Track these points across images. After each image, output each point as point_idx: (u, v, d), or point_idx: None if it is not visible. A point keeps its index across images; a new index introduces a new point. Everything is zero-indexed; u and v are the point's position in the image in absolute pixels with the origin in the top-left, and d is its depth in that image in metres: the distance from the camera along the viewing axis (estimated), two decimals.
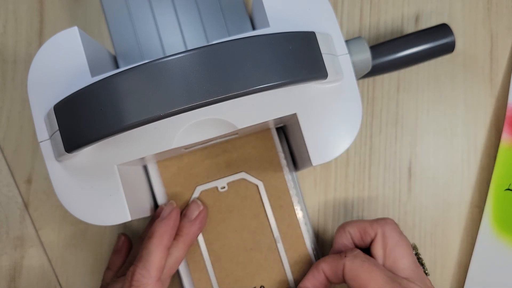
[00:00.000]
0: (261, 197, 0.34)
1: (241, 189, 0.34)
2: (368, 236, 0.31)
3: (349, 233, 0.32)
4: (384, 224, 0.30)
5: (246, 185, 0.34)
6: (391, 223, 0.31)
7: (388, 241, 0.30)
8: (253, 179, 0.34)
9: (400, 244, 0.30)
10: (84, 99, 0.22)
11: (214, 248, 0.34)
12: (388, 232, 0.30)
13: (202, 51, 0.22)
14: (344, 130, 0.28)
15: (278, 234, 0.34)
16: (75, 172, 0.27)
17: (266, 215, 0.34)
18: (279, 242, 0.34)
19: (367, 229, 0.31)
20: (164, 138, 0.27)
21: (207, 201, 0.34)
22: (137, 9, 0.35)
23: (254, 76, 0.22)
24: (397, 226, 0.31)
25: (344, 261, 0.30)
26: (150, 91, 0.21)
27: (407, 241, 0.30)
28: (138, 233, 0.37)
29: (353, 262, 0.29)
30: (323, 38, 0.26)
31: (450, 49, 0.34)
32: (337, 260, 0.30)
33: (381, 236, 0.30)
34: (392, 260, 0.29)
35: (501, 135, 0.37)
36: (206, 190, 0.34)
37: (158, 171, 0.34)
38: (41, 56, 0.28)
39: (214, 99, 0.21)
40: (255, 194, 0.34)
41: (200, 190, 0.34)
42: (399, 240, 0.30)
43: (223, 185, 0.34)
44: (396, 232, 0.30)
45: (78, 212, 0.27)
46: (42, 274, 0.36)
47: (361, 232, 0.31)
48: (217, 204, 0.34)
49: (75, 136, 0.23)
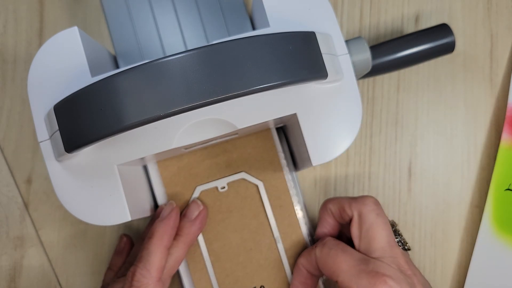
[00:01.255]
0: (261, 197, 0.34)
1: (241, 189, 0.34)
2: (346, 215, 0.31)
3: (330, 210, 0.32)
4: (362, 205, 0.30)
5: (246, 185, 0.34)
6: (369, 204, 0.30)
7: (364, 222, 0.29)
8: (253, 179, 0.34)
9: (376, 225, 0.29)
10: (84, 99, 0.22)
11: (214, 248, 0.34)
12: (365, 213, 0.30)
13: (202, 51, 0.22)
14: (344, 130, 0.28)
15: (278, 234, 0.34)
16: (75, 172, 0.27)
17: (266, 215, 0.34)
18: (279, 242, 0.34)
19: (346, 208, 0.31)
20: (164, 138, 0.27)
21: (207, 201, 0.34)
22: (137, 9, 0.35)
23: (254, 76, 0.22)
24: (375, 205, 0.30)
25: (314, 251, 0.30)
26: (150, 91, 0.21)
27: (384, 220, 0.30)
28: (138, 233, 0.37)
29: (322, 251, 0.29)
30: (323, 38, 0.26)
31: (450, 49, 0.34)
32: (310, 252, 0.31)
33: (358, 217, 0.30)
34: (367, 241, 0.29)
35: (501, 135, 0.37)
36: (206, 190, 0.34)
37: (158, 171, 0.34)
38: (41, 56, 0.28)
39: (214, 99, 0.21)
40: (255, 194, 0.34)
41: (200, 190, 0.34)
42: (375, 221, 0.29)
43: (223, 185, 0.34)
44: (373, 213, 0.30)
45: (78, 212, 0.27)
46: (42, 274, 0.36)
47: (340, 210, 0.31)
48: (217, 204, 0.34)
49: (75, 136, 0.23)
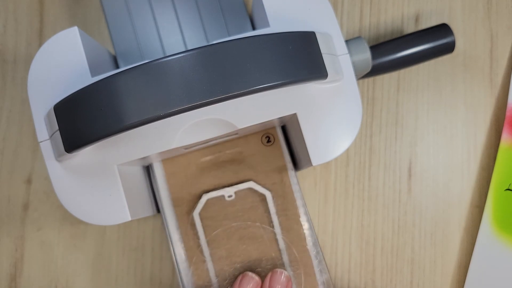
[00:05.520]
0: (269, 208, 0.33)
1: (248, 198, 0.34)
2: None
3: None
4: None
5: (253, 194, 0.34)
6: None
7: None
8: (261, 189, 0.33)
9: None
10: (84, 99, 0.22)
11: (218, 258, 0.33)
12: None
13: (202, 51, 0.22)
14: (344, 130, 0.28)
15: (283, 245, 0.33)
16: (75, 172, 0.27)
17: (272, 225, 0.33)
18: (284, 254, 0.33)
19: None
20: (164, 138, 0.27)
21: (213, 209, 0.33)
22: (137, 9, 0.35)
23: (254, 76, 0.22)
24: None
25: None
26: (150, 91, 0.21)
27: None
28: (139, 233, 0.37)
29: None
30: (323, 38, 0.25)
31: (450, 49, 0.34)
32: None
33: None
34: None
35: (501, 135, 0.37)
36: (212, 198, 0.33)
37: (165, 177, 0.34)
38: (41, 56, 0.28)
39: (214, 99, 0.21)
40: (262, 204, 0.33)
41: (206, 198, 0.33)
42: None
43: (230, 193, 0.33)
44: None
45: (78, 212, 0.27)
46: (42, 274, 0.36)
47: None
48: (223, 213, 0.33)
49: (75, 136, 0.23)
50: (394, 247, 0.37)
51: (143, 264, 0.36)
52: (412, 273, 0.37)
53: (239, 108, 0.27)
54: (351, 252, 0.37)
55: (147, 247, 0.36)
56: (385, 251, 0.37)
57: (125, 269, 0.36)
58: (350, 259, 0.37)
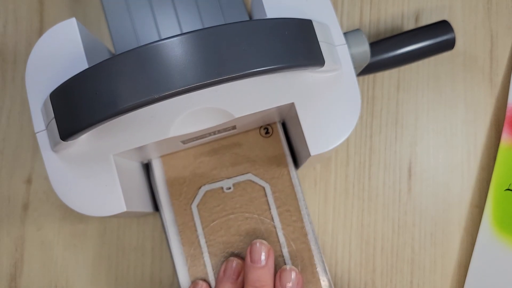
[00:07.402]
0: (268, 200, 0.33)
1: (247, 190, 0.33)
2: None
3: None
4: None
5: (252, 187, 0.33)
6: None
7: None
8: (260, 181, 0.33)
9: None
10: (78, 84, 0.22)
11: (215, 251, 0.33)
12: None
13: (197, 33, 0.21)
14: (342, 120, 0.27)
15: (283, 239, 0.33)
16: (71, 162, 0.27)
17: (272, 219, 0.33)
18: (284, 247, 0.33)
19: None
20: (161, 128, 0.27)
21: (211, 202, 0.33)
22: (137, 8, 0.35)
23: (249, 59, 0.22)
24: None
25: None
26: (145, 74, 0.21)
27: None
28: (139, 237, 0.37)
29: None
30: (320, 27, 0.25)
31: (450, 45, 0.34)
32: None
33: None
34: None
35: (501, 135, 0.37)
36: (210, 190, 0.33)
37: (163, 169, 0.34)
38: (39, 48, 0.27)
39: (210, 81, 0.21)
40: (262, 197, 0.33)
41: (204, 190, 0.33)
42: None
43: (228, 185, 0.33)
44: None
45: (73, 203, 0.27)
46: (42, 274, 0.36)
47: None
48: (221, 205, 0.33)
49: (70, 122, 0.23)
50: (394, 247, 0.37)
51: (143, 264, 0.36)
52: (412, 273, 0.37)
53: (237, 97, 0.27)
54: (351, 252, 0.37)
55: (147, 247, 0.36)
56: (385, 251, 0.37)
57: (125, 269, 0.36)
58: (350, 259, 0.37)
